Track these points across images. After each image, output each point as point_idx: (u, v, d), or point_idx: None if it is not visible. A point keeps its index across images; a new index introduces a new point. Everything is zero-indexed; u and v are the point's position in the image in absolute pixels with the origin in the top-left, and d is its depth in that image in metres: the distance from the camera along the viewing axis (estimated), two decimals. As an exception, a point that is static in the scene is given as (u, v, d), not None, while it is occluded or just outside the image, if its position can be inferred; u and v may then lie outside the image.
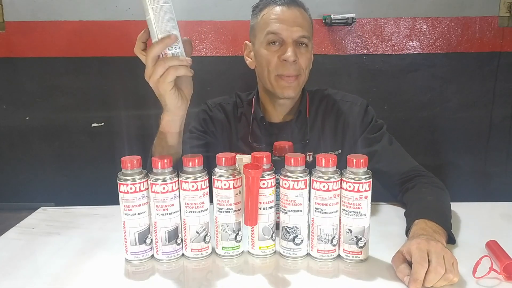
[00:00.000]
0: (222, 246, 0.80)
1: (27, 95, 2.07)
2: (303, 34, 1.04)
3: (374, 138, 1.12)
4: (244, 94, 1.22)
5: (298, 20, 1.04)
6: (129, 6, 1.96)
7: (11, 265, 0.80)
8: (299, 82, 1.08)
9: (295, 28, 1.03)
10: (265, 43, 1.06)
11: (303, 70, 1.07)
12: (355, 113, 1.15)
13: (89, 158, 2.11)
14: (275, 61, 1.05)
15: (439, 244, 0.72)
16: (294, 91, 1.08)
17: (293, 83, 1.06)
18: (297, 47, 1.05)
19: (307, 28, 1.07)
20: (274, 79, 1.07)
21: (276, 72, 1.06)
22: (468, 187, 1.96)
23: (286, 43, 1.04)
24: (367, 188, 0.75)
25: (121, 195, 0.77)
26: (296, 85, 1.07)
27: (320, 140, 1.14)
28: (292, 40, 1.04)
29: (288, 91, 1.07)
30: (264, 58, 1.07)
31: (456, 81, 2.06)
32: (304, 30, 1.05)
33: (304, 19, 1.07)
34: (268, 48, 1.06)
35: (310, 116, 1.16)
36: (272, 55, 1.05)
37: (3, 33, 1.99)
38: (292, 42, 1.04)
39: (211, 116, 1.19)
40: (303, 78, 1.09)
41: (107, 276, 0.76)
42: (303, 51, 1.06)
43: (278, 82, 1.07)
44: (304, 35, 1.05)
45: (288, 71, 1.04)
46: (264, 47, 1.06)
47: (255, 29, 1.10)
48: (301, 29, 1.04)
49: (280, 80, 1.06)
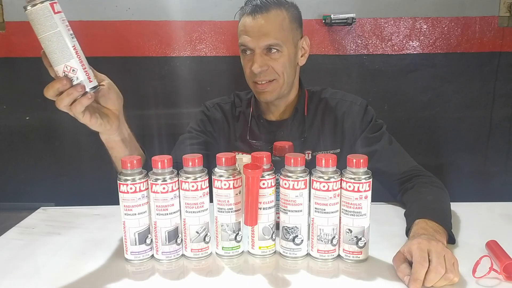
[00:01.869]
0: (222, 246, 0.80)
1: (27, 95, 2.06)
2: (270, 42, 1.04)
3: (374, 138, 1.12)
4: (244, 93, 1.24)
5: (263, 28, 1.03)
6: (129, 6, 1.96)
7: (11, 265, 0.80)
8: (274, 86, 1.09)
9: (261, 38, 1.04)
10: (241, 52, 1.10)
11: (277, 75, 1.08)
12: (355, 112, 1.15)
13: (89, 158, 2.11)
14: (249, 69, 1.08)
15: (440, 244, 0.72)
16: (271, 95, 1.10)
17: (267, 88, 1.08)
18: (267, 55, 1.06)
19: (276, 33, 1.04)
20: (252, 85, 1.11)
21: (251, 79, 1.10)
22: (468, 187, 1.95)
23: (255, 53, 1.06)
24: (367, 188, 0.75)
25: (121, 195, 0.77)
26: (272, 89, 1.09)
27: (319, 138, 1.14)
28: (261, 50, 1.05)
29: (264, 95, 1.10)
30: (243, 65, 1.12)
31: (456, 81, 2.05)
32: (271, 37, 1.04)
33: (272, 24, 1.04)
34: (243, 57, 1.10)
35: (309, 114, 1.16)
36: (246, 64, 1.09)
37: (3, 33, 1.99)
38: (259, 52, 1.05)
39: (208, 116, 1.20)
40: (281, 81, 1.09)
41: (107, 276, 0.76)
42: (275, 56, 1.06)
43: (254, 88, 1.11)
44: (271, 43, 1.04)
45: (259, 78, 1.07)
46: (241, 55, 1.11)
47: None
48: (266, 38, 1.04)
49: (254, 86, 1.10)
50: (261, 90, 1.09)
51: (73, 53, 0.65)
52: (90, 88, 0.69)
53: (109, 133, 0.83)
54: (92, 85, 0.70)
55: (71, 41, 0.65)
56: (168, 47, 2.00)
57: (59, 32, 0.63)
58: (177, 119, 1.91)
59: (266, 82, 1.08)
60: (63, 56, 0.67)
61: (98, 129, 0.80)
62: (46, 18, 0.62)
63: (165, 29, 1.97)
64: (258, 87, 1.09)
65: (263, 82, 1.08)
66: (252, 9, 1.05)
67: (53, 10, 0.62)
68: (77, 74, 0.66)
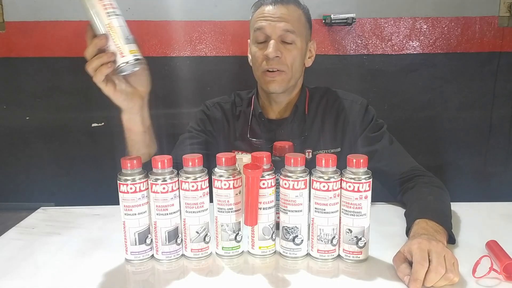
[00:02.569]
0: (222, 246, 0.80)
1: (27, 95, 2.07)
2: (287, 28, 1.05)
3: (374, 137, 1.12)
4: (244, 92, 1.24)
5: (283, 16, 1.06)
6: (129, 6, 1.96)
7: (11, 265, 0.80)
8: (283, 77, 1.09)
9: (279, 23, 1.05)
10: (254, 41, 1.10)
11: (287, 66, 1.08)
12: (356, 111, 1.15)
13: (89, 158, 2.11)
14: (261, 57, 1.08)
15: (440, 244, 0.72)
16: (279, 85, 1.09)
17: (276, 78, 1.08)
18: (282, 44, 1.07)
19: (294, 22, 1.07)
20: (261, 75, 1.10)
21: (262, 68, 1.09)
22: (468, 187, 1.96)
23: (271, 39, 1.06)
24: (367, 188, 0.75)
25: (121, 195, 0.77)
26: (280, 80, 1.09)
27: (320, 137, 1.14)
28: (277, 36, 1.06)
29: (273, 84, 1.09)
30: (253, 55, 1.11)
31: (456, 81, 2.05)
32: (288, 24, 1.06)
33: (292, 14, 1.07)
34: (256, 46, 1.09)
35: (310, 113, 1.16)
36: (259, 52, 1.08)
37: (3, 33, 1.99)
38: (276, 38, 1.06)
39: (208, 116, 1.20)
40: (289, 74, 1.09)
41: (107, 276, 0.76)
42: (288, 47, 1.07)
43: (263, 78, 1.10)
44: (288, 28, 1.05)
45: (271, 66, 1.07)
46: (253, 44, 1.10)
47: (251, 28, 1.13)
48: (285, 23, 1.05)
49: (265, 76, 1.09)
50: (271, 78, 1.08)
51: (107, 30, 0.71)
52: (121, 63, 0.73)
53: (131, 111, 0.86)
54: (123, 60, 0.73)
55: (106, 20, 0.71)
56: (168, 47, 2.00)
57: (95, 12, 0.71)
58: (177, 119, 1.91)
59: (277, 70, 1.08)
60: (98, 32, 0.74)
61: (121, 104, 0.84)
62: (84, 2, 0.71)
63: (165, 29, 1.97)
64: (268, 75, 1.08)
65: (275, 69, 1.07)
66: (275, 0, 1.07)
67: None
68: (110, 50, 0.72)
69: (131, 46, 0.73)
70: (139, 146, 0.92)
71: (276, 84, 1.09)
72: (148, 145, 0.93)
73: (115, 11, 0.72)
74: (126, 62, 0.73)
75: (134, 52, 0.73)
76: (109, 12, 0.71)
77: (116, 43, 0.72)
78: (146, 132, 0.91)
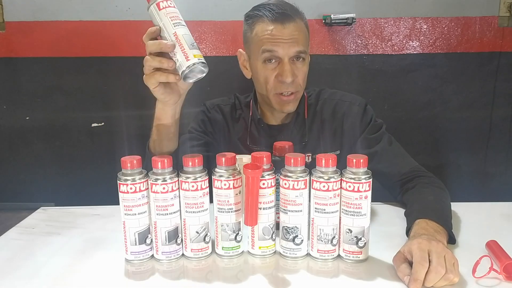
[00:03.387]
0: (222, 246, 0.80)
1: (27, 95, 2.06)
2: (300, 49, 1.02)
3: (373, 139, 1.12)
4: (243, 96, 1.23)
5: (294, 36, 1.01)
6: (129, 6, 1.95)
7: (11, 265, 0.80)
8: (297, 97, 1.09)
9: (291, 45, 1.01)
10: (261, 60, 1.05)
11: (300, 86, 1.07)
12: (354, 113, 1.15)
13: (89, 158, 2.11)
14: (273, 80, 1.04)
15: (440, 244, 0.72)
16: (294, 106, 1.09)
17: (292, 100, 1.07)
18: (293, 64, 1.04)
19: (303, 41, 1.04)
20: (273, 97, 1.07)
21: (274, 91, 1.06)
22: (468, 187, 1.96)
23: (283, 62, 1.03)
24: (367, 188, 0.75)
25: (121, 195, 0.77)
26: (295, 100, 1.08)
27: (319, 141, 1.14)
28: (289, 58, 1.02)
29: (288, 107, 1.08)
30: (261, 75, 1.06)
31: (456, 81, 2.05)
32: (300, 45, 1.02)
33: (300, 31, 1.03)
34: (265, 66, 1.05)
35: (309, 117, 1.16)
36: (270, 74, 1.04)
37: (3, 33, 1.99)
38: (288, 61, 1.02)
39: (209, 117, 1.19)
40: (301, 91, 1.09)
41: (107, 276, 0.76)
42: (299, 66, 1.05)
43: (277, 100, 1.07)
44: (301, 50, 1.03)
45: (287, 90, 1.05)
46: (260, 64, 1.05)
47: (249, 42, 1.08)
48: (297, 44, 1.02)
49: (278, 98, 1.07)
50: (286, 101, 1.06)
51: (173, 38, 0.76)
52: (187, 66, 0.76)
53: (166, 104, 0.86)
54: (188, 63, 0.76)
55: (172, 29, 0.76)
56: (168, 47, 2.00)
57: (163, 24, 0.77)
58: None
59: (293, 93, 1.06)
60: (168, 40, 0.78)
61: (159, 97, 0.84)
62: (153, 15, 0.78)
63: (165, 29, 1.97)
64: (284, 98, 1.06)
65: (289, 93, 1.05)
66: (281, 17, 1.01)
67: (158, 8, 0.77)
68: (176, 56, 0.76)
69: (196, 51, 0.77)
70: (162, 137, 0.91)
71: (291, 106, 1.08)
72: (171, 138, 0.92)
73: (180, 22, 0.78)
74: (192, 63, 0.75)
75: (198, 57, 0.76)
76: (175, 23, 0.77)
77: (182, 49, 0.76)
78: (173, 124, 0.91)
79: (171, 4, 0.79)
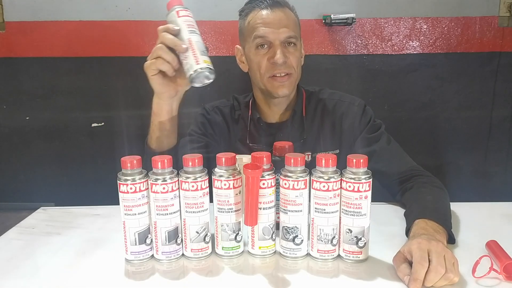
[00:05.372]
0: (222, 246, 0.80)
1: (27, 95, 2.06)
2: (290, 34, 1.07)
3: (372, 138, 1.12)
4: (242, 96, 1.24)
5: (283, 21, 1.06)
6: (129, 6, 1.96)
7: (11, 265, 0.80)
8: (291, 80, 1.10)
9: (281, 29, 1.06)
10: (254, 47, 1.09)
11: (293, 69, 1.09)
12: (353, 113, 1.15)
13: (89, 158, 2.11)
14: (266, 63, 1.08)
15: (440, 244, 0.72)
16: (288, 88, 1.10)
17: (285, 82, 1.09)
18: (285, 48, 1.07)
19: (293, 27, 1.08)
20: (267, 81, 1.09)
21: (268, 74, 1.08)
22: (468, 187, 1.95)
23: (274, 45, 1.07)
24: (367, 188, 0.75)
25: (121, 195, 0.77)
26: (289, 83, 1.10)
27: (318, 140, 1.15)
28: (280, 42, 1.06)
29: (283, 89, 1.09)
30: (255, 62, 1.10)
31: (456, 81, 2.05)
32: (290, 30, 1.07)
33: (289, 19, 1.09)
34: (258, 52, 1.09)
35: (307, 116, 1.16)
36: (262, 58, 1.08)
37: (3, 33, 1.99)
38: (279, 44, 1.06)
39: (209, 119, 1.20)
40: (295, 76, 1.11)
41: (107, 276, 0.76)
42: (291, 50, 1.08)
43: (271, 83, 1.09)
44: (291, 35, 1.07)
45: (279, 71, 1.07)
46: (253, 51, 1.09)
47: (243, 34, 1.13)
48: (287, 29, 1.06)
49: (273, 81, 1.09)
50: (280, 83, 1.08)
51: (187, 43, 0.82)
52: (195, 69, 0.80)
53: (161, 96, 0.90)
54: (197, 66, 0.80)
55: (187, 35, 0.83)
56: (168, 47, 2.00)
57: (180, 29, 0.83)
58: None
59: (286, 74, 1.08)
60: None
61: (155, 86, 0.88)
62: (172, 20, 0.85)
63: (165, 29, 1.97)
64: (278, 79, 1.08)
65: (283, 74, 1.08)
66: (270, 3, 1.07)
67: (177, 15, 0.84)
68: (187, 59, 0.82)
69: (206, 57, 0.82)
70: (159, 133, 0.95)
71: (286, 88, 1.09)
72: (167, 135, 0.95)
73: (195, 30, 0.84)
74: (200, 68, 0.79)
75: (207, 63, 0.81)
76: (190, 30, 0.83)
77: (194, 53, 0.81)
78: (169, 122, 0.94)
79: (189, 14, 0.86)
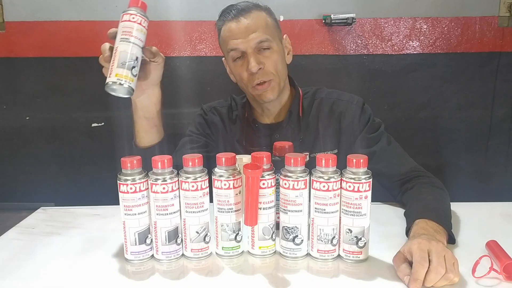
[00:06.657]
0: (222, 246, 0.80)
1: (27, 95, 2.06)
2: (261, 38, 1.04)
3: (372, 139, 1.12)
4: (239, 97, 1.24)
5: (251, 27, 1.04)
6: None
7: (11, 265, 0.80)
8: (273, 85, 1.08)
9: (250, 36, 1.04)
10: (231, 61, 1.09)
11: (273, 74, 1.07)
12: (352, 112, 1.14)
13: (89, 158, 2.11)
14: (245, 74, 1.07)
15: (440, 244, 0.72)
16: (272, 93, 1.09)
17: (267, 88, 1.08)
18: (260, 53, 1.06)
19: (264, 29, 1.05)
20: (251, 91, 1.10)
21: (250, 84, 1.08)
22: (468, 187, 1.96)
23: (247, 54, 1.05)
24: (367, 188, 0.75)
25: (121, 195, 0.77)
26: (271, 88, 1.08)
27: (316, 139, 1.14)
28: (252, 50, 1.05)
29: (266, 95, 1.09)
30: (236, 74, 1.11)
31: (456, 81, 2.05)
32: (261, 34, 1.04)
33: (258, 22, 1.05)
34: (236, 64, 1.09)
35: (304, 116, 1.16)
36: (241, 70, 1.08)
37: (3, 33, 1.99)
38: (252, 52, 1.05)
39: (206, 120, 1.20)
40: (276, 80, 1.09)
41: (107, 276, 0.76)
42: (267, 54, 1.06)
43: (255, 92, 1.09)
44: (262, 39, 1.04)
45: (258, 80, 1.06)
46: (232, 64, 1.10)
47: (222, 49, 1.13)
48: (256, 34, 1.04)
49: (255, 90, 1.09)
50: (262, 90, 1.08)
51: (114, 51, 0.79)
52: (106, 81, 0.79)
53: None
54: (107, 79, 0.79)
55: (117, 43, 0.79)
56: (168, 47, 2.00)
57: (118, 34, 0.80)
58: (177, 119, 1.90)
59: (265, 82, 1.07)
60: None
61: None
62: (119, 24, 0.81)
63: (165, 29, 1.97)
64: (259, 88, 1.07)
65: (262, 81, 1.07)
66: (234, 14, 1.05)
67: (120, 19, 0.81)
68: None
69: (121, 70, 0.77)
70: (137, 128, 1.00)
71: (269, 93, 1.09)
72: (146, 130, 1.00)
73: (128, 38, 0.78)
74: (108, 81, 0.78)
75: (120, 77, 0.77)
76: (122, 38, 0.79)
77: (112, 64, 0.78)
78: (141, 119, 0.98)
79: (133, 19, 0.80)
